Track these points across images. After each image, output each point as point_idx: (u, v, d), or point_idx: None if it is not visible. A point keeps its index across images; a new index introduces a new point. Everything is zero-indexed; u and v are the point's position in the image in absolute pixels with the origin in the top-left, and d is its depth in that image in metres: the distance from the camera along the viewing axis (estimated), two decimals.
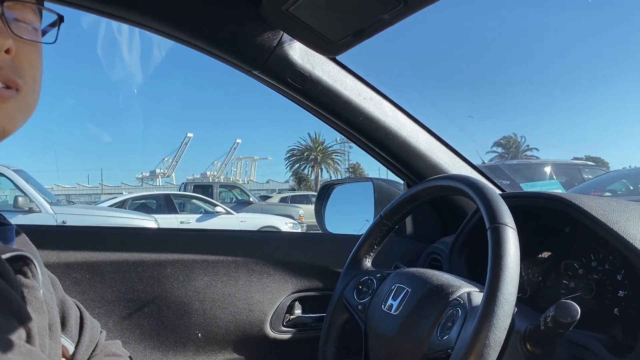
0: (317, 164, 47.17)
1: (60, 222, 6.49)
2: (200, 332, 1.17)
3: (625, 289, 0.85)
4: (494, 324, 0.62)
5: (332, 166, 48.07)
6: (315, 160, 47.09)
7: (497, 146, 44.88)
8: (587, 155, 47.92)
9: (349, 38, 0.95)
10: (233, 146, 48.42)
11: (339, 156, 47.77)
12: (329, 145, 46.93)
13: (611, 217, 0.84)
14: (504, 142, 44.80)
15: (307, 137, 47.52)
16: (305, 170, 48.08)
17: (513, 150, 42.38)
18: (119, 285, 1.12)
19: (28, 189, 6.60)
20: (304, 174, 47.86)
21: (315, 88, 1.12)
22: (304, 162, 47.89)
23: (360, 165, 47.53)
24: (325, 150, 47.02)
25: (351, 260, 1.02)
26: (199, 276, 1.17)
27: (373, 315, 0.89)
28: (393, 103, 1.22)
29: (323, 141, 46.94)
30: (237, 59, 1.07)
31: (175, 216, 9.89)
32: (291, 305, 1.25)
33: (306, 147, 47.40)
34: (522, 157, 38.70)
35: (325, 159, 47.49)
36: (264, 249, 1.25)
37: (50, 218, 6.50)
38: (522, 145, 44.66)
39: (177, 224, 9.39)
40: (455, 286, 0.78)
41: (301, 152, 47.80)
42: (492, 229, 0.71)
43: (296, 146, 48.29)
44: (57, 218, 6.57)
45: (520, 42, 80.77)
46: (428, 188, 0.93)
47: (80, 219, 6.95)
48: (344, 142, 44.86)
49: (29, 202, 6.43)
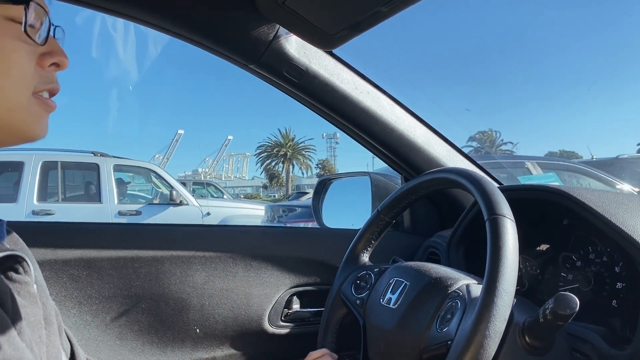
0: (288, 160, 47.08)
1: (205, 213, 7.04)
2: (199, 327, 1.17)
3: (624, 281, 0.85)
4: (494, 314, 0.62)
5: (303, 162, 48.00)
6: (285, 156, 46.98)
7: (472, 141, 45.03)
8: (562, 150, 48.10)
9: (346, 31, 0.94)
10: (224, 143, 48.18)
11: (310, 152, 47.64)
12: (299, 141, 46.86)
13: (610, 210, 0.84)
14: (479, 137, 45.00)
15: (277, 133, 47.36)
16: (277, 167, 48.02)
17: (488, 144, 42.58)
18: (117, 281, 1.11)
19: (176, 184, 7.05)
20: (275, 170, 47.79)
21: (312, 82, 1.11)
22: (274, 158, 47.78)
23: (330, 161, 47.48)
24: (295, 146, 46.92)
25: (349, 256, 1.02)
26: (196, 272, 1.17)
27: (371, 309, 0.88)
28: (390, 96, 1.21)
29: (294, 137, 46.88)
30: (233, 52, 1.06)
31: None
32: (289, 300, 1.25)
33: (276, 143, 47.30)
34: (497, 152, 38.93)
35: (295, 154, 47.38)
36: (262, 244, 1.25)
37: (196, 210, 6.97)
38: (497, 139, 44.92)
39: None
40: (454, 278, 0.78)
41: (271, 148, 47.69)
42: (491, 221, 0.70)
43: (266, 142, 48.17)
44: (202, 210, 7.05)
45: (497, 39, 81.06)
46: (425, 182, 0.93)
47: (219, 210, 7.51)
48: (331, 137, 44.78)
49: (180, 196, 6.83)
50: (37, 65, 0.58)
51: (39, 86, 0.58)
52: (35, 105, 0.58)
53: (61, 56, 0.60)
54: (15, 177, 6.01)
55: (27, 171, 5.97)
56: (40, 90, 0.58)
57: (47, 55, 0.59)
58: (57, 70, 0.61)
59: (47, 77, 0.59)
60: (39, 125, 0.59)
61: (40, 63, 0.58)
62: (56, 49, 0.60)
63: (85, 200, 6.33)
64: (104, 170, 6.31)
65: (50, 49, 0.59)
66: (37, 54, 0.58)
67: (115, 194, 6.28)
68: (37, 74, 0.58)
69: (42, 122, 0.59)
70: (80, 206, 6.17)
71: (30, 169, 5.98)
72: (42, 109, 0.59)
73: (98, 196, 6.22)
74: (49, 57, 0.59)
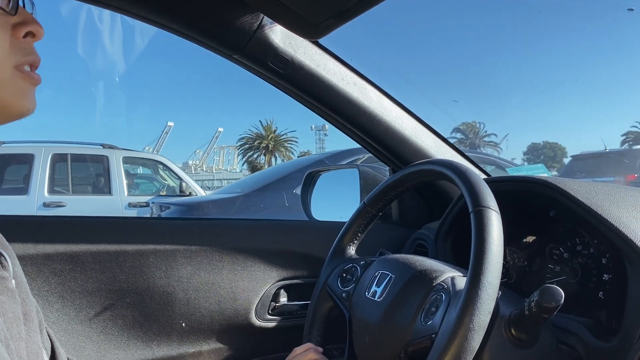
0: (270, 152, 46.96)
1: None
2: (184, 321, 1.16)
3: (610, 272, 0.84)
4: (478, 307, 0.61)
5: (285, 154, 47.89)
6: (267, 148, 46.82)
7: (456, 132, 45.29)
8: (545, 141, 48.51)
9: (331, 20, 0.92)
10: (215, 135, 47.84)
11: (292, 144, 47.54)
12: (281, 133, 46.75)
13: (596, 201, 0.83)
14: (463, 128, 45.29)
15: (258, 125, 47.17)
16: (259, 159, 47.88)
17: (472, 136, 42.84)
18: (100, 275, 1.10)
19: (185, 177, 7.10)
20: (257, 162, 47.65)
21: (297, 72, 1.10)
22: (256, 150, 47.61)
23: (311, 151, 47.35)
24: (277, 138, 46.80)
25: (335, 248, 1.01)
26: (182, 265, 1.16)
27: (357, 302, 0.88)
28: (377, 87, 1.20)
29: (275, 129, 46.75)
30: (216, 42, 1.04)
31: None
32: (276, 294, 1.24)
33: (258, 135, 47.12)
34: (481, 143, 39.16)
35: (277, 146, 47.22)
36: (248, 237, 1.23)
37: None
38: (480, 131, 45.21)
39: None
40: (439, 271, 0.77)
41: (253, 140, 47.52)
42: (475, 212, 0.70)
43: (247, 134, 47.98)
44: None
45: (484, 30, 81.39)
46: (410, 174, 0.92)
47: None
48: (319, 129, 44.69)
49: (189, 188, 6.82)
50: (12, 37, 0.57)
51: (19, 59, 0.57)
52: (19, 79, 0.57)
53: (35, 24, 0.59)
54: (26, 170, 6.04)
55: (37, 163, 5.99)
56: (22, 64, 0.58)
57: (21, 26, 0.58)
58: (34, 41, 0.60)
59: (25, 48, 0.59)
60: (26, 99, 0.59)
61: (14, 35, 0.57)
62: (29, 18, 0.59)
63: (96, 193, 6.39)
64: (114, 162, 6.36)
65: (23, 18, 0.58)
66: (10, 26, 0.57)
67: (125, 186, 6.33)
68: (14, 47, 0.57)
69: (29, 96, 0.59)
70: (90, 198, 6.26)
71: (41, 161, 6.01)
72: (26, 82, 0.58)
73: (108, 188, 6.26)
74: (23, 27, 0.58)
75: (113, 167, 6.32)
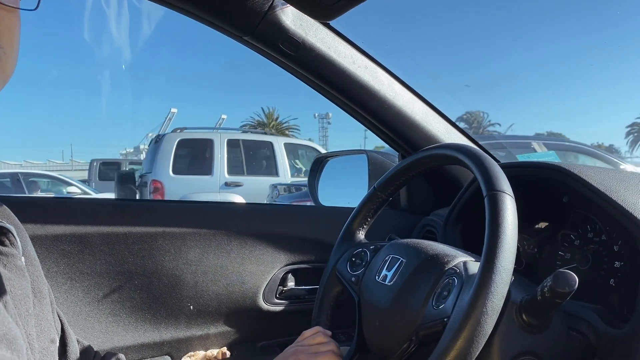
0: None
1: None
2: (192, 304, 1.16)
3: (622, 259, 0.84)
4: (492, 291, 0.61)
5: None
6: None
7: (460, 121, 45.13)
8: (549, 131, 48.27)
9: (344, 1, 0.91)
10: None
11: (294, 132, 47.39)
12: (283, 121, 46.60)
13: (610, 186, 0.82)
14: (467, 117, 45.09)
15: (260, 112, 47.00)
16: None
17: (476, 125, 42.64)
18: (109, 257, 1.10)
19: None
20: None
21: (308, 55, 1.08)
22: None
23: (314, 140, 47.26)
24: (279, 126, 46.63)
25: (344, 233, 1.00)
26: (190, 248, 1.16)
27: (367, 286, 0.87)
28: (388, 71, 1.18)
29: (277, 116, 46.53)
30: (227, 24, 1.02)
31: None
32: (284, 278, 1.24)
33: (259, 123, 46.92)
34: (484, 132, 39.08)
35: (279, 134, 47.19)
36: (257, 221, 1.23)
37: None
38: (484, 120, 45.01)
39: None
40: (451, 255, 0.77)
41: (255, 127, 47.38)
42: (490, 197, 0.69)
43: (249, 121, 47.75)
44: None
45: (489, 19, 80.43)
46: (423, 158, 0.91)
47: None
48: (323, 117, 44.51)
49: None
50: None
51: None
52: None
53: None
54: (207, 153, 7.05)
55: (216, 148, 7.04)
56: None
57: None
58: None
59: None
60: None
61: None
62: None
63: (265, 174, 7.29)
64: (278, 147, 7.44)
65: None
66: None
67: (288, 169, 7.41)
68: None
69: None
70: (261, 179, 7.06)
71: (219, 145, 7.05)
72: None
73: (275, 170, 7.33)
74: None
75: (277, 152, 7.39)
